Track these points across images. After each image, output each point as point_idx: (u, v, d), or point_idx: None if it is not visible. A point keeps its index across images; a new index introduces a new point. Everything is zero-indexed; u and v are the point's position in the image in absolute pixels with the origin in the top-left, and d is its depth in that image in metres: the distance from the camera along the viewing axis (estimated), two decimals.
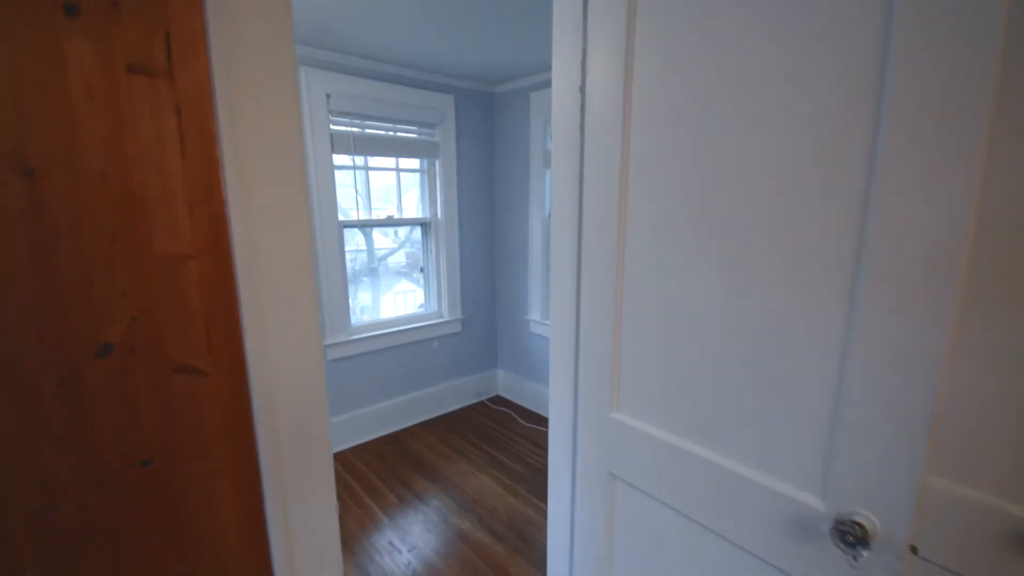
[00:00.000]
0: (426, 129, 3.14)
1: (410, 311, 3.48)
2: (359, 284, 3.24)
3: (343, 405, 3.10)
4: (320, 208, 2.75)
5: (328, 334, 2.94)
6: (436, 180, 3.28)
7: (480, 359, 3.81)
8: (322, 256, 2.81)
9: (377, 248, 3.30)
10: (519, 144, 3.34)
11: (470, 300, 3.63)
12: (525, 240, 3.43)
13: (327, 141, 2.72)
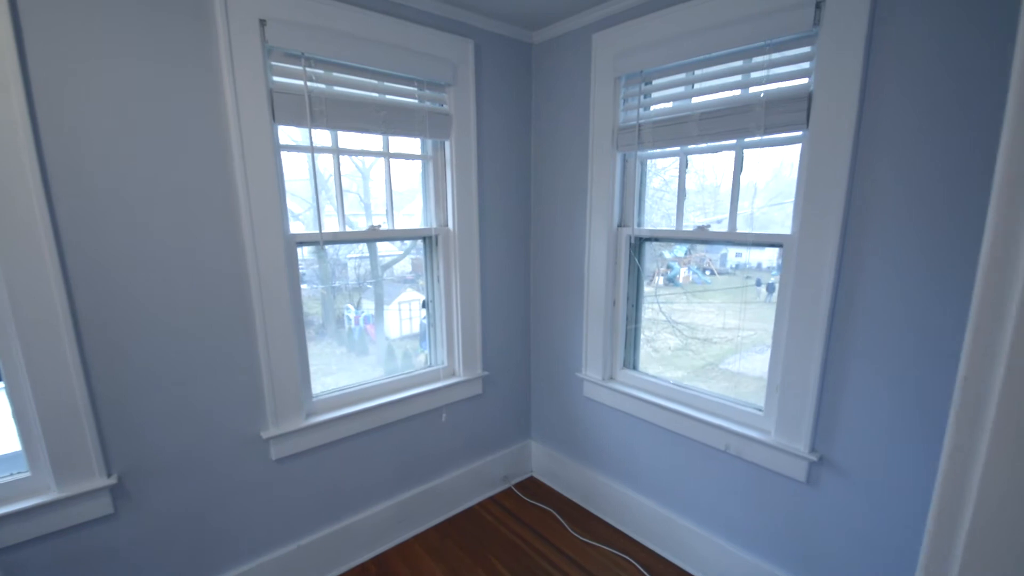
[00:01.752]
0: (431, 92, 2.02)
1: (403, 371, 2.34)
2: (362, 297, 2.12)
3: (296, 526, 1.97)
4: (253, 213, 1.64)
5: (272, 421, 1.81)
6: (446, 171, 2.15)
7: (508, 430, 2.66)
8: (258, 293, 1.69)
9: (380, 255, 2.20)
10: (573, 116, 2.20)
11: (495, 349, 2.49)
12: (581, 262, 2.29)
13: (264, 101, 1.60)
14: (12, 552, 1.42)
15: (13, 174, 1.27)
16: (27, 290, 1.33)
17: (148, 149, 1.46)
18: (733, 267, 2.17)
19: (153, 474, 1.62)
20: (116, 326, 1.49)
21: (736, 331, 2.07)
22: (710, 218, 2.04)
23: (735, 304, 2.11)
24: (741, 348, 2.03)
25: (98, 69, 1.36)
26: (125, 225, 1.46)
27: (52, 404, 1.41)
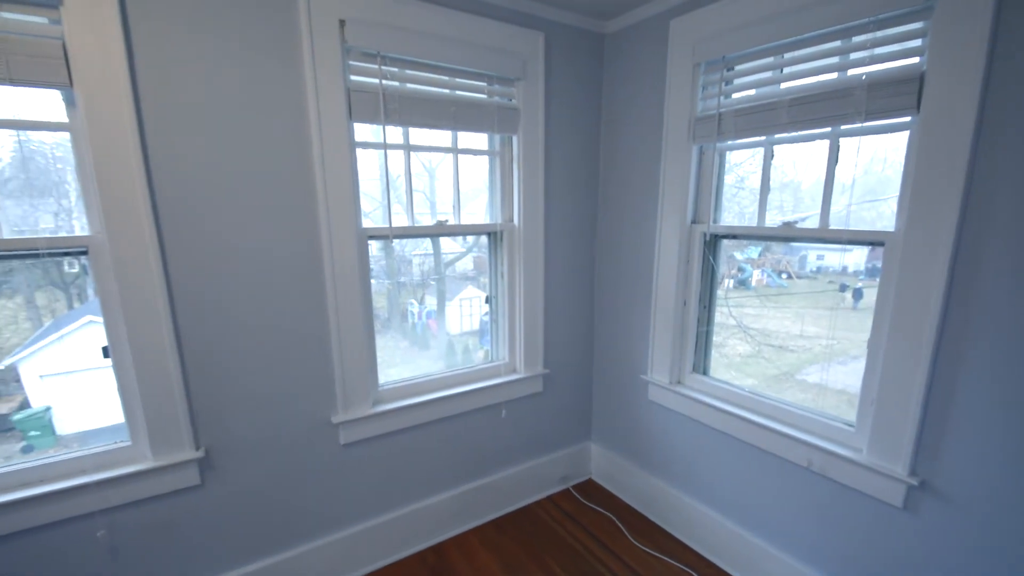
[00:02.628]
0: (500, 87, 2.01)
1: (466, 365, 2.36)
2: (425, 293, 2.18)
3: (360, 510, 2.04)
4: (330, 208, 1.70)
5: (341, 407, 1.88)
6: (513, 167, 2.14)
7: (567, 430, 2.62)
8: (332, 284, 1.76)
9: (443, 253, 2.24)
10: (646, 108, 2.12)
11: (557, 347, 2.45)
12: (650, 260, 2.20)
13: (341, 99, 1.66)
14: (114, 512, 1.57)
15: (122, 167, 1.39)
16: (135, 278, 1.46)
17: (237, 144, 1.55)
18: (813, 270, 2.00)
19: (235, 451, 1.73)
20: (206, 312, 1.60)
21: (816, 340, 1.91)
22: (788, 216, 1.88)
23: (815, 310, 1.94)
24: (822, 358, 1.87)
25: (195, 69, 1.46)
26: (215, 217, 1.56)
27: (151, 382, 1.54)
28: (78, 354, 1.73)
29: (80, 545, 1.54)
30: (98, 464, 1.54)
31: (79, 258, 1.50)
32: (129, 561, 1.61)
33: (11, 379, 1.69)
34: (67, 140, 1.40)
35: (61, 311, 1.77)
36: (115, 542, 1.59)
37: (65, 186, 1.52)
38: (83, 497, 1.50)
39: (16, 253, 1.38)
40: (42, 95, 1.36)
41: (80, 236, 1.42)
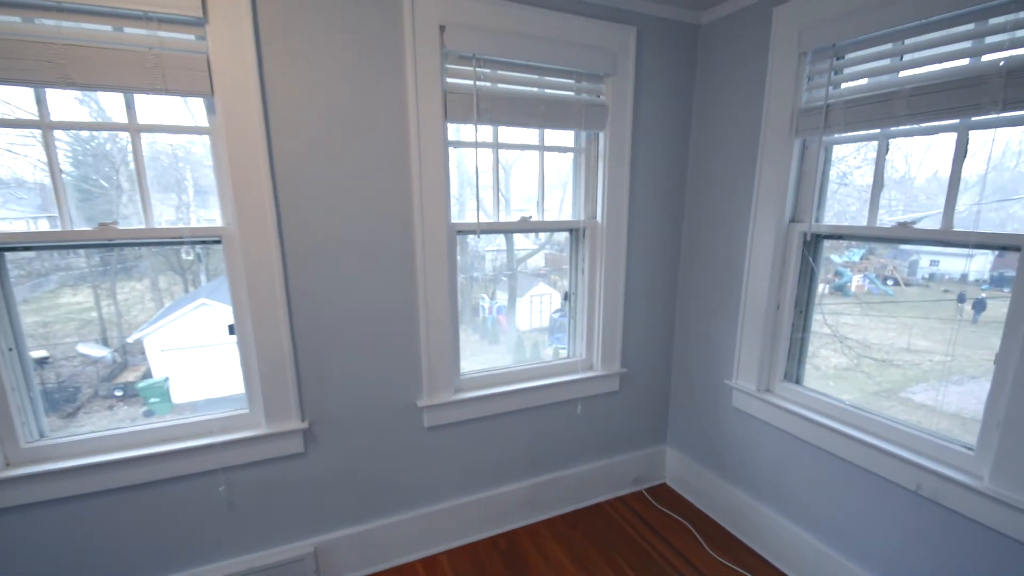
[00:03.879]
0: (588, 83, 2.01)
1: (543, 360, 2.40)
2: (496, 288, 2.27)
3: (439, 490, 2.15)
4: (423, 204, 1.81)
5: (426, 392, 1.99)
6: (598, 164, 2.13)
7: (642, 431, 2.58)
8: (423, 275, 1.87)
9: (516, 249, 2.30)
10: (742, 101, 2.02)
11: (635, 347, 2.42)
12: (740, 260, 2.10)
13: (438, 100, 1.75)
14: (233, 471, 1.78)
15: (252, 167, 1.57)
16: (258, 266, 1.64)
17: (345, 146, 1.69)
18: (925, 277, 1.82)
19: (333, 424, 1.89)
20: (314, 298, 1.76)
21: (926, 355, 1.73)
22: (899, 216, 1.72)
23: (926, 322, 1.76)
24: (933, 376, 1.69)
25: (312, 78, 1.61)
26: (324, 213, 1.71)
27: (268, 357, 1.72)
28: (192, 332, 1.99)
29: (205, 497, 1.77)
30: (222, 427, 1.76)
31: (213, 246, 1.72)
32: (244, 515, 1.83)
33: (137, 351, 1.97)
34: (189, 143, 1.61)
35: (178, 294, 2.02)
36: (232, 497, 1.80)
37: (184, 183, 1.73)
38: (209, 455, 1.72)
39: (166, 240, 1.61)
40: (178, 103, 1.57)
41: (215, 227, 1.63)
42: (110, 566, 1.69)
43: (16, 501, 1.53)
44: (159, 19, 1.41)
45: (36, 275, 1.65)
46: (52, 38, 1.33)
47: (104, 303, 1.96)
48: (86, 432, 1.64)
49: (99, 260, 1.83)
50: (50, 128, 1.45)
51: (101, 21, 1.38)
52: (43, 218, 1.58)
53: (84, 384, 1.97)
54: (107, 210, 1.62)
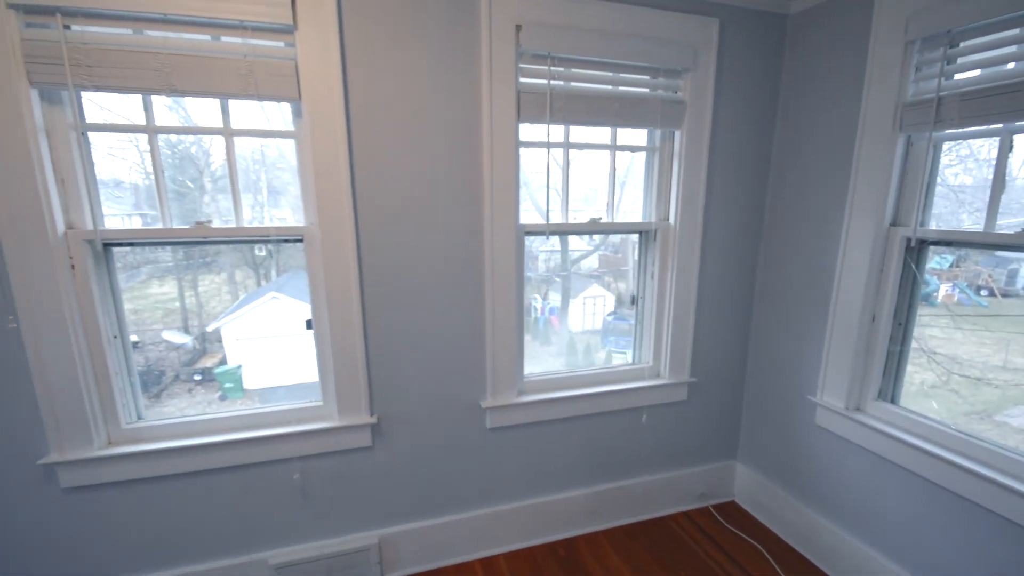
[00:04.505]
0: (665, 80, 1.93)
1: (608, 365, 2.33)
2: (549, 289, 2.24)
3: (500, 492, 2.14)
4: (493, 205, 1.80)
5: (490, 394, 1.99)
6: (673, 163, 2.04)
7: (711, 444, 2.45)
8: (490, 277, 1.86)
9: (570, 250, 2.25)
10: (838, 94, 1.87)
11: (706, 356, 2.30)
12: (830, 266, 1.95)
13: (512, 100, 1.73)
14: (307, 460, 1.85)
15: (334, 168, 1.62)
16: (336, 264, 1.69)
17: (420, 147, 1.71)
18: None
19: (399, 421, 1.93)
20: (385, 297, 1.80)
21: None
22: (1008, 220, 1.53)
23: None
24: None
25: (391, 82, 1.64)
26: (397, 213, 1.74)
27: (342, 352, 1.77)
28: (263, 323, 2.10)
29: (281, 483, 1.85)
30: (298, 418, 1.83)
31: (284, 244, 1.78)
32: (315, 502, 1.90)
33: (215, 339, 2.10)
34: (264, 146, 1.67)
35: (252, 287, 2.14)
36: (306, 485, 1.87)
37: (259, 184, 1.81)
38: (286, 444, 1.79)
39: (255, 238, 1.69)
40: (256, 108, 1.64)
41: (298, 227, 1.69)
42: (199, 541, 1.80)
43: (117, 477, 1.66)
44: (253, 27, 1.48)
45: (129, 267, 1.78)
46: (158, 48, 1.43)
47: (187, 294, 2.11)
48: (177, 416, 1.76)
49: (183, 255, 1.97)
50: (154, 132, 1.55)
51: (201, 31, 1.47)
52: (135, 216, 1.70)
53: (168, 368, 2.13)
54: (192, 209, 1.72)
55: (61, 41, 1.36)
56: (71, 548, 1.69)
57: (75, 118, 1.47)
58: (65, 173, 1.48)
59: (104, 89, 1.42)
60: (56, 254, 1.47)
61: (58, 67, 1.37)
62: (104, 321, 1.60)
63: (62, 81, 1.38)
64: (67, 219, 1.50)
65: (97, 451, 1.62)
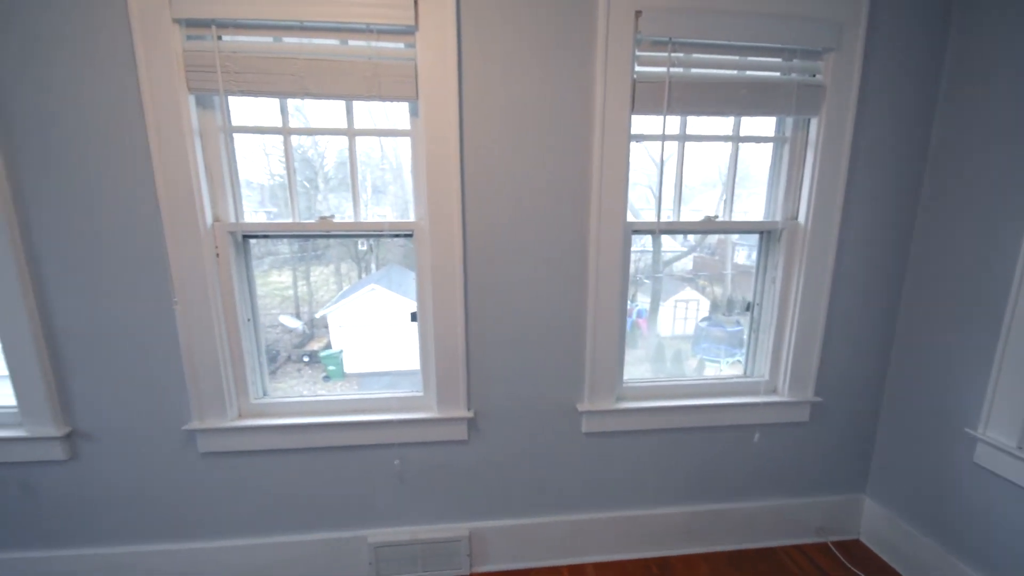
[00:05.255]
0: (801, 61, 1.72)
1: (717, 376, 2.15)
2: (638, 291, 2.12)
3: (593, 500, 2.06)
4: (601, 202, 1.72)
5: (587, 397, 1.91)
6: (806, 155, 1.82)
7: (834, 474, 2.18)
8: (594, 276, 1.78)
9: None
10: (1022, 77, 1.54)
11: (835, 374, 2.04)
12: (1004, 276, 1.62)
13: (626, 91, 1.64)
14: (406, 448, 1.91)
15: (445, 166, 1.64)
16: (443, 259, 1.72)
17: (528, 143, 1.68)
18: None
19: (494, 418, 1.92)
20: (488, 293, 1.79)
21: None
22: None
23: None
24: None
25: (504, 77, 1.62)
26: (503, 211, 1.72)
27: (444, 346, 1.80)
28: (363, 312, 2.22)
29: (382, 467, 1.92)
30: (401, 406, 1.89)
31: (407, 239, 1.84)
32: (412, 489, 1.96)
33: (321, 325, 2.25)
34: (370, 147, 1.72)
35: (354, 279, 2.26)
36: (404, 471, 1.94)
37: (364, 183, 1.88)
38: (389, 430, 1.86)
39: (370, 232, 1.76)
40: (364, 109, 1.70)
41: (409, 222, 1.74)
42: (308, 512, 1.94)
43: (244, 447, 1.83)
44: (378, 30, 1.53)
45: (254, 258, 1.94)
46: (295, 54, 1.53)
47: (299, 283, 2.29)
48: (295, 396, 1.90)
49: (298, 248, 2.12)
50: (288, 134, 1.67)
51: (332, 36, 1.55)
52: (260, 212, 1.84)
53: (282, 349, 2.32)
54: (306, 207, 1.84)
55: (215, 51, 1.50)
56: (204, 506, 1.89)
57: (223, 121, 1.62)
58: (213, 171, 1.65)
59: (249, 93, 1.55)
60: (204, 244, 1.64)
61: (211, 74, 1.52)
62: (240, 305, 1.76)
63: (214, 87, 1.53)
64: (214, 212, 1.67)
65: (230, 422, 1.79)
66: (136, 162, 1.57)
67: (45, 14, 1.45)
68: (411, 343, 1.90)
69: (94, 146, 1.55)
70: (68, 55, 1.48)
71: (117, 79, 1.51)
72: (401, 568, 1.98)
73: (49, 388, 1.70)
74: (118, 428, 1.78)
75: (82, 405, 1.75)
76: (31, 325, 1.63)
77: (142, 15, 1.45)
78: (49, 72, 1.49)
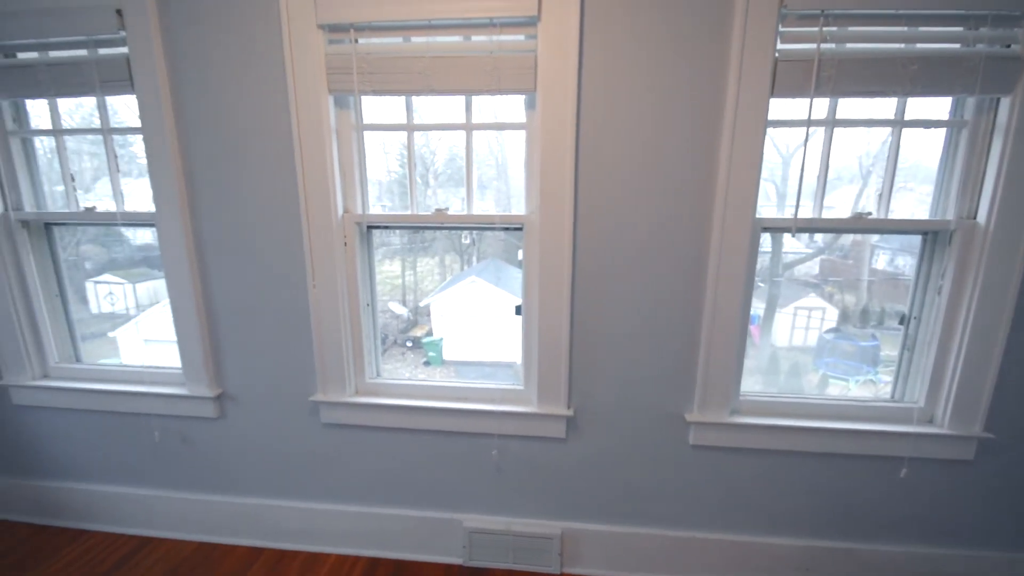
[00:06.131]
0: (991, 30, 1.43)
1: (853, 397, 1.89)
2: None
3: (696, 517, 1.92)
4: (728, 195, 1.58)
5: (697, 407, 1.78)
6: (992, 142, 1.52)
7: (1005, 526, 1.81)
8: (714, 277, 1.65)
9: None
10: None
11: (1011, 406, 1.69)
12: None
13: (766, 72, 1.48)
14: (504, 439, 1.92)
15: (559, 159, 1.61)
16: (551, 254, 1.69)
17: (647, 133, 1.59)
18: None
19: (595, 419, 1.86)
20: (595, 290, 1.74)
21: None
22: None
23: None
24: None
25: (624, 66, 1.54)
26: (616, 205, 1.65)
27: (547, 340, 1.78)
28: (463, 303, 2.29)
29: (479, 456, 1.96)
30: (502, 398, 1.91)
31: (509, 233, 1.85)
32: (507, 480, 1.97)
33: (425, 313, 2.37)
34: (474, 143, 1.72)
35: (456, 270, 2.32)
36: (501, 462, 1.95)
37: (463, 176, 1.89)
38: (488, 420, 1.88)
39: (482, 225, 1.79)
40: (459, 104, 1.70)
41: (520, 215, 1.74)
42: (409, 490, 2.04)
43: (358, 422, 1.96)
44: (501, 23, 1.54)
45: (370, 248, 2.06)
46: (422, 53, 1.59)
47: (407, 273, 2.41)
48: (405, 379, 2.00)
49: (407, 240, 2.22)
50: (412, 130, 1.75)
51: (456, 33, 1.59)
52: (376, 205, 1.94)
53: (389, 333, 2.45)
54: (418, 201, 1.91)
55: (352, 53, 1.62)
56: (322, 471, 2.07)
57: (356, 119, 1.74)
58: (345, 166, 1.78)
59: (380, 93, 1.64)
60: (335, 233, 1.77)
61: (348, 76, 1.63)
62: (362, 290, 1.89)
63: (350, 88, 1.64)
64: (344, 204, 1.80)
65: (348, 397, 1.94)
66: (283, 158, 1.74)
67: (213, 28, 1.67)
68: (508, 335, 1.92)
69: (249, 144, 1.75)
70: (230, 61, 1.69)
71: (271, 82, 1.69)
72: (494, 557, 2.00)
73: (206, 354, 1.96)
74: (257, 394, 2.01)
75: (230, 371, 2.00)
76: (195, 300, 1.90)
77: (292, 23, 1.60)
78: (215, 75, 1.70)
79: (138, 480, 2.19)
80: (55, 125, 1.93)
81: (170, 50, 1.70)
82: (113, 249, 2.26)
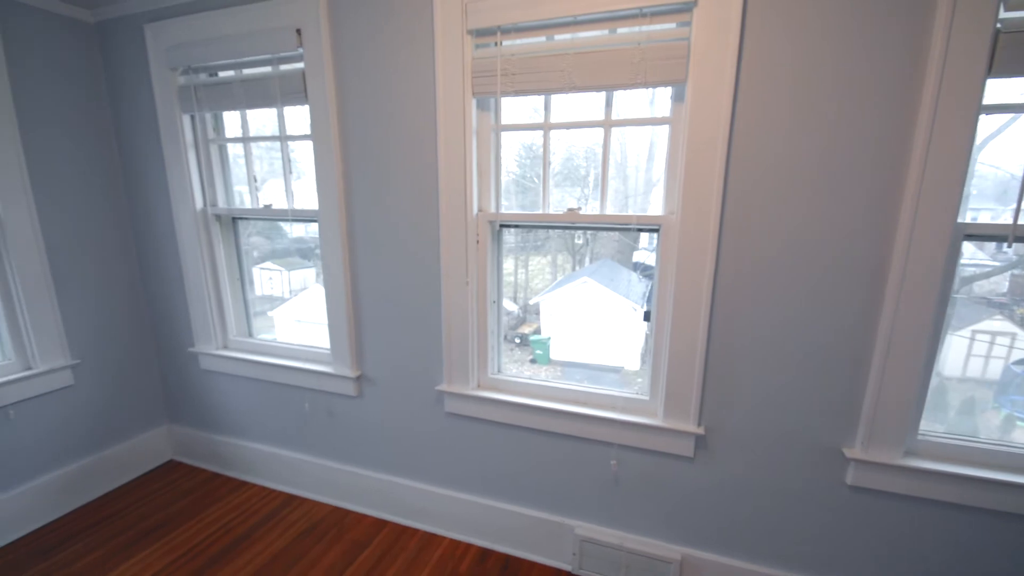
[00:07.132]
0: None
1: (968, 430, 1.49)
2: None
3: (847, 566, 1.65)
4: (920, 198, 1.33)
5: (860, 442, 1.53)
6: None
7: None
8: (896, 291, 1.40)
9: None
10: None
11: None
12: None
13: (983, 50, 1.22)
14: (623, 450, 1.83)
15: (707, 157, 1.49)
16: (690, 259, 1.57)
17: (817, 134, 1.40)
18: None
19: (731, 441, 1.70)
20: (741, 304, 1.58)
21: None
22: None
23: None
24: None
25: (794, 42, 1.37)
26: (773, 209, 1.48)
27: (678, 351, 1.66)
28: (574, 303, 2.24)
29: (597, 464, 1.89)
30: (623, 406, 1.83)
31: (653, 234, 1.76)
32: (625, 494, 1.88)
33: (534, 311, 2.34)
34: (595, 143, 1.62)
35: (568, 270, 2.25)
36: (620, 474, 1.87)
37: (587, 177, 1.80)
38: (608, 428, 1.81)
39: (615, 226, 1.73)
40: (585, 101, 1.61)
41: (657, 216, 1.65)
42: (524, 487, 2.04)
43: (478, 415, 2.01)
44: (651, 12, 1.47)
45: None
46: (565, 50, 1.57)
47: (519, 271, 2.41)
48: (525, 377, 2.00)
49: (521, 239, 2.22)
50: (548, 128, 1.75)
51: (602, 27, 1.54)
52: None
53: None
54: (533, 201, 1.90)
55: (496, 56, 1.65)
56: (443, 458, 2.16)
57: (495, 121, 1.79)
58: (482, 166, 1.83)
59: (520, 93, 1.66)
60: (469, 231, 1.84)
61: (491, 78, 1.67)
62: (491, 287, 1.94)
63: (492, 90, 1.68)
64: (479, 203, 1.86)
65: (470, 391, 1.99)
66: (426, 158, 1.85)
67: (374, 43, 1.81)
68: (617, 339, 1.83)
69: (397, 147, 1.88)
70: (386, 64, 1.82)
71: (421, 90, 1.80)
72: (604, 569, 1.93)
73: (350, 338, 2.15)
74: (390, 379, 2.16)
75: (369, 355, 2.17)
76: (345, 288, 2.09)
77: (444, 29, 1.69)
78: (371, 86, 1.86)
79: (289, 443, 2.49)
80: (244, 133, 2.25)
81: (339, 64, 1.89)
82: (275, 240, 2.60)
